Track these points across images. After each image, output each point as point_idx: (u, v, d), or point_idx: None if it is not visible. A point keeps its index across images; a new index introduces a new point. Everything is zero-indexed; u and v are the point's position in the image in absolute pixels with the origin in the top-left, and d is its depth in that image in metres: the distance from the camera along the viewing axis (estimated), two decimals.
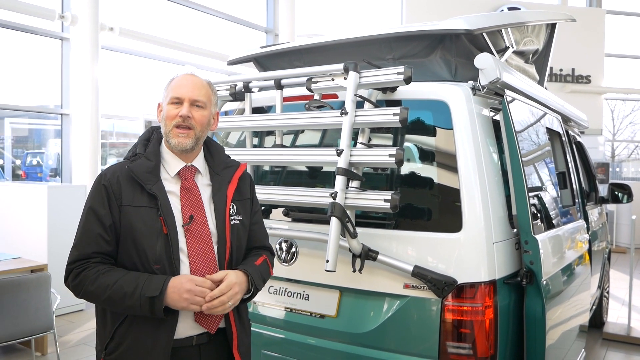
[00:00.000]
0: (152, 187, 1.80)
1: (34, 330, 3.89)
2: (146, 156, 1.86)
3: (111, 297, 1.71)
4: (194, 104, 1.86)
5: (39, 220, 5.72)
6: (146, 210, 1.78)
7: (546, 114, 3.29)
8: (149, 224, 1.77)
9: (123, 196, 1.79)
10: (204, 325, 1.83)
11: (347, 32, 2.95)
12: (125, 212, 1.78)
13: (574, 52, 11.67)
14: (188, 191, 1.88)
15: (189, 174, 1.90)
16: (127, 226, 1.78)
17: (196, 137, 1.86)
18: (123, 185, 1.80)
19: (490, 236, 2.28)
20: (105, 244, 1.78)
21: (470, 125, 2.35)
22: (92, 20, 7.26)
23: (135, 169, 1.82)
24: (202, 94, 1.88)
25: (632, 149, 22.31)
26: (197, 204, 1.87)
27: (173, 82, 1.90)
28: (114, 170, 1.84)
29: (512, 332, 2.40)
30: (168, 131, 1.86)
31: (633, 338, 5.31)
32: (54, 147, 10.03)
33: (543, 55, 4.04)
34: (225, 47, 10.22)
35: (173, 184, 1.87)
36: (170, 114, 1.85)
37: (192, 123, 1.84)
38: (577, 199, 3.63)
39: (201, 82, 1.91)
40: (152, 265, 1.76)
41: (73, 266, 1.78)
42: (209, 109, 1.91)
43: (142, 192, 1.80)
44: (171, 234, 1.77)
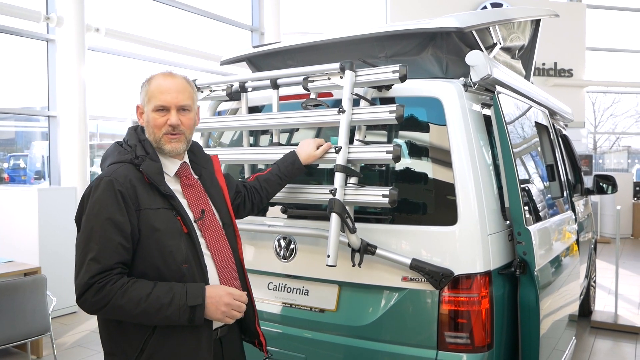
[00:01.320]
0: (166, 188, 1.81)
1: (31, 333, 3.90)
2: (151, 157, 1.83)
3: (146, 310, 1.65)
4: (181, 109, 1.85)
5: (29, 222, 5.71)
6: (164, 212, 1.79)
7: (534, 109, 3.37)
8: (169, 225, 1.77)
9: (140, 199, 1.75)
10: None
11: (340, 31, 3.00)
12: (144, 216, 1.74)
13: (556, 46, 11.84)
14: (192, 187, 1.92)
15: (187, 171, 1.94)
16: (149, 229, 1.74)
17: (187, 139, 1.90)
18: (138, 188, 1.76)
19: (485, 228, 2.35)
20: (126, 252, 1.71)
21: (463, 121, 2.42)
22: (77, 21, 7.22)
23: (147, 170, 1.78)
24: (187, 97, 1.87)
25: (613, 141, 22.64)
26: (203, 197, 1.94)
27: (153, 86, 1.85)
28: (124, 174, 1.76)
29: (507, 322, 2.47)
30: (158, 139, 1.84)
31: (620, 325, 5.44)
32: (38, 150, 9.96)
33: (529, 51, 4.12)
34: (211, 46, 10.20)
35: (174, 183, 1.90)
36: (157, 123, 1.82)
37: (181, 129, 1.85)
38: (565, 191, 3.72)
39: (183, 84, 1.88)
40: (180, 265, 1.75)
41: (94, 280, 1.66)
42: (194, 109, 1.93)
43: (155, 194, 1.79)
44: (191, 232, 1.81)
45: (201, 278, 1.81)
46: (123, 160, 1.81)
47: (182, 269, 1.76)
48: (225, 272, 1.91)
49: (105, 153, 1.94)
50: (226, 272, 1.92)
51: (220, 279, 1.89)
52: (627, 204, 11.64)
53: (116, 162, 1.82)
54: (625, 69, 15.69)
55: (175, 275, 1.76)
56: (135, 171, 1.79)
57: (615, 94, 19.67)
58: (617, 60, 15.67)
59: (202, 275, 1.81)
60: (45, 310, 3.98)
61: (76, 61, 7.20)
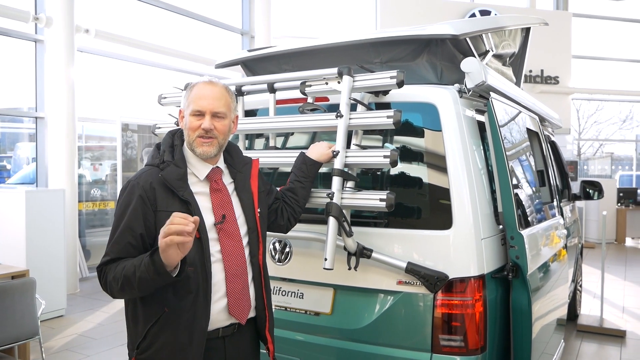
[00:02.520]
0: (184, 194, 1.89)
1: (19, 337, 3.85)
2: (175, 163, 1.94)
3: (126, 276, 1.75)
4: (216, 115, 1.95)
5: (16, 225, 5.65)
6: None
7: (526, 115, 3.42)
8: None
9: (158, 202, 1.87)
10: (236, 316, 1.97)
11: (335, 36, 3.02)
12: (160, 217, 1.84)
13: (542, 54, 11.98)
14: (218, 192, 2.00)
15: (217, 176, 2.01)
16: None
17: (219, 144, 1.98)
18: (157, 191, 1.88)
19: (479, 233, 2.38)
20: (133, 250, 1.84)
21: (458, 126, 2.45)
22: (67, 22, 7.17)
23: (167, 176, 1.90)
24: (222, 104, 1.96)
25: (596, 147, 22.96)
26: (227, 203, 2.00)
27: (193, 93, 1.97)
28: (146, 178, 1.91)
29: (499, 325, 2.51)
30: (192, 141, 1.95)
31: (606, 329, 5.52)
32: (24, 151, 9.86)
33: (519, 58, 4.18)
34: (200, 49, 10.19)
35: (202, 186, 1.98)
36: (192, 126, 1.94)
37: (214, 133, 1.94)
38: (555, 196, 3.77)
39: (220, 92, 1.98)
40: (187, 268, 1.80)
41: (102, 268, 1.86)
42: (229, 116, 2.01)
43: (174, 198, 1.89)
44: (203, 238, 1.88)
45: (204, 282, 1.88)
46: (152, 164, 1.98)
47: (188, 271, 1.82)
48: (234, 278, 1.96)
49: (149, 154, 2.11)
50: (236, 279, 1.97)
51: (227, 285, 1.95)
52: (611, 209, 11.81)
53: (148, 164, 2.00)
54: (609, 77, 15.94)
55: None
56: (159, 175, 1.92)
57: (599, 101, 19.95)
58: (601, 68, 15.90)
59: (205, 279, 1.89)
60: (34, 313, 3.94)
61: (65, 62, 7.15)
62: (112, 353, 4.88)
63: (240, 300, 1.98)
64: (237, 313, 1.97)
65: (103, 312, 6.17)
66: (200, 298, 1.88)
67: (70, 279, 6.88)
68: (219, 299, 1.94)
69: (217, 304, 1.93)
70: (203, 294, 1.88)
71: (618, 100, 17.70)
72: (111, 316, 5.99)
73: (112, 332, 5.38)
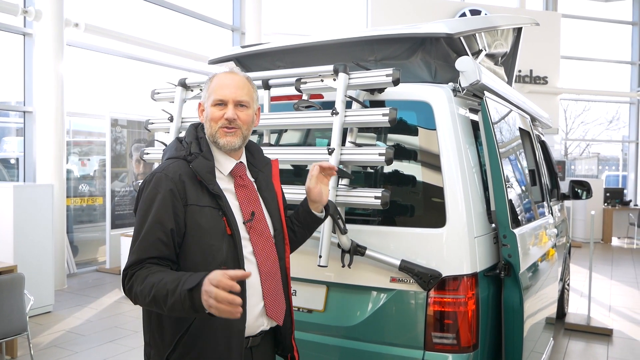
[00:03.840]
0: (214, 187, 1.80)
1: (8, 333, 3.82)
2: (204, 155, 1.84)
3: (155, 297, 1.62)
4: (238, 104, 1.85)
5: (4, 220, 5.59)
6: (210, 210, 1.78)
7: (518, 114, 3.44)
8: (213, 224, 1.77)
9: (188, 195, 1.77)
10: (274, 318, 1.88)
11: (329, 33, 3.02)
12: (190, 211, 1.76)
13: (531, 54, 12.05)
14: (244, 188, 1.90)
15: (241, 171, 1.91)
16: (194, 225, 1.75)
17: (243, 135, 1.87)
18: (187, 184, 1.78)
19: (472, 231, 2.40)
20: (164, 247, 1.72)
21: (452, 125, 2.46)
22: (56, 15, 7.10)
23: (198, 168, 1.79)
24: (245, 93, 1.87)
25: (583, 148, 23.15)
26: (255, 200, 1.91)
27: (214, 83, 1.87)
28: (175, 170, 1.79)
29: (491, 323, 2.52)
30: (214, 132, 1.84)
31: (593, 327, 5.58)
32: (10, 145, 9.75)
33: (510, 57, 4.21)
34: (191, 45, 10.14)
35: (227, 182, 1.88)
36: (215, 116, 1.84)
37: (238, 123, 1.84)
38: (545, 196, 3.80)
39: (243, 81, 1.89)
40: (219, 266, 1.70)
41: (128, 270, 1.72)
42: (252, 106, 1.91)
43: (204, 192, 1.79)
44: (235, 234, 1.79)
45: (239, 283, 1.68)
46: (178, 157, 1.85)
47: (221, 270, 1.66)
48: (269, 280, 1.87)
49: (165, 148, 2.00)
50: (270, 280, 1.87)
51: (264, 287, 1.85)
52: (597, 209, 11.93)
53: (172, 157, 1.86)
54: (596, 78, 16.09)
55: None
56: (187, 167, 1.81)
57: (586, 101, 20.12)
58: (588, 69, 16.05)
59: (240, 280, 1.69)
60: (22, 309, 3.91)
61: (54, 56, 7.09)
62: (100, 349, 4.85)
63: (277, 301, 1.89)
64: (275, 314, 1.88)
65: (91, 308, 6.13)
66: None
67: (58, 275, 6.83)
68: (255, 303, 1.83)
69: (255, 309, 1.83)
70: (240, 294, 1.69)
71: (605, 101, 17.87)
72: (99, 313, 5.95)
73: (100, 329, 5.35)
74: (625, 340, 5.37)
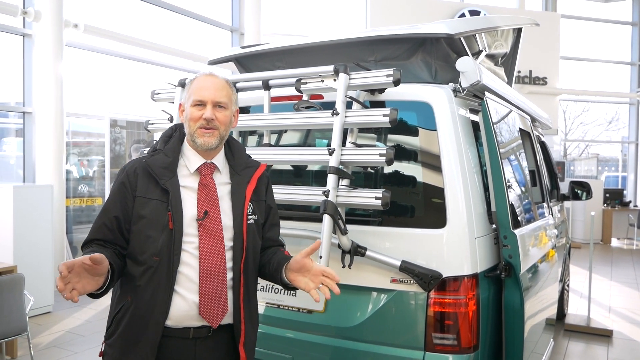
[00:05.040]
0: (166, 182, 1.88)
1: (8, 333, 3.82)
2: (165, 152, 1.95)
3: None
4: (217, 105, 1.92)
5: (4, 220, 5.58)
6: (156, 204, 1.87)
7: (518, 115, 3.44)
8: (155, 217, 1.86)
9: (138, 187, 1.89)
10: (207, 319, 1.87)
11: (329, 33, 3.02)
12: (137, 202, 1.87)
13: (531, 55, 12.06)
14: (205, 187, 1.94)
15: (207, 171, 1.96)
16: (137, 216, 1.87)
17: (220, 136, 1.94)
18: (140, 177, 1.90)
19: (473, 232, 2.39)
20: (108, 232, 1.88)
21: (453, 126, 2.46)
22: (55, 16, 7.10)
23: (152, 163, 1.91)
24: (224, 95, 1.94)
25: (582, 148, 23.15)
26: (212, 199, 1.93)
27: (194, 85, 1.96)
28: (134, 164, 1.94)
29: (492, 324, 2.52)
30: (193, 132, 1.92)
31: (592, 328, 5.58)
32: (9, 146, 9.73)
33: (510, 58, 4.20)
34: (190, 46, 10.13)
35: (192, 180, 1.95)
36: (194, 116, 1.92)
37: (216, 124, 1.92)
38: (546, 196, 3.80)
39: (222, 83, 1.97)
40: (151, 256, 1.83)
41: (82, 247, 1.90)
42: (230, 108, 1.98)
43: (156, 186, 1.89)
44: (176, 230, 1.84)
45: (167, 276, 1.83)
46: (147, 154, 1.99)
47: (152, 260, 1.83)
48: (209, 279, 1.86)
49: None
50: (211, 279, 1.87)
51: (201, 284, 1.86)
52: (597, 210, 11.93)
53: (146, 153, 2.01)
54: (596, 78, 16.09)
55: (145, 263, 1.85)
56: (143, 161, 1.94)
57: (585, 102, 20.13)
58: (588, 70, 16.05)
59: (169, 273, 1.83)
60: (22, 309, 3.90)
61: (53, 57, 7.08)
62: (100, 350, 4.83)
63: (213, 302, 1.87)
64: (208, 315, 1.87)
65: (90, 308, 6.12)
66: (161, 291, 1.82)
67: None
68: (189, 296, 1.86)
69: (186, 301, 1.85)
70: (164, 287, 1.82)
71: (604, 101, 17.88)
72: (98, 313, 5.95)
73: (100, 329, 5.33)
74: (625, 341, 5.37)
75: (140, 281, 1.84)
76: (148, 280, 1.83)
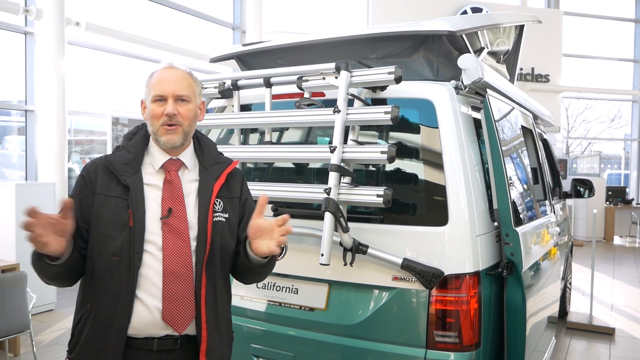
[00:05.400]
0: (127, 179, 1.77)
1: (10, 331, 3.82)
2: (127, 149, 1.85)
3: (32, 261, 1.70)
4: (178, 99, 1.79)
5: (6, 218, 5.60)
6: (116, 201, 1.76)
7: (521, 112, 3.43)
8: (115, 215, 1.74)
9: (98, 185, 1.78)
10: (171, 324, 1.73)
11: (331, 31, 3.01)
12: (96, 200, 1.76)
13: (533, 52, 12.02)
14: (170, 184, 1.82)
15: (172, 167, 1.85)
16: (96, 213, 1.75)
17: (184, 132, 1.82)
18: (100, 174, 1.79)
19: (474, 229, 2.39)
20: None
21: (455, 123, 2.46)
22: (57, 14, 7.10)
23: (112, 160, 1.81)
24: (185, 87, 1.81)
25: (585, 146, 23.12)
26: (177, 197, 1.81)
27: (153, 78, 1.83)
28: (94, 162, 1.84)
29: (493, 321, 2.52)
30: (156, 130, 1.80)
31: (595, 326, 5.57)
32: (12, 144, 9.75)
33: (512, 55, 4.20)
34: (192, 43, 10.13)
35: (157, 177, 1.83)
36: (155, 113, 1.79)
37: (179, 120, 1.78)
38: (548, 194, 3.79)
39: (182, 75, 1.83)
40: (110, 256, 1.71)
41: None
42: (194, 101, 1.84)
43: (117, 184, 1.78)
44: (136, 228, 1.72)
45: (127, 278, 1.71)
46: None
47: (111, 261, 1.71)
48: (174, 280, 1.73)
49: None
50: (176, 280, 1.73)
51: (165, 287, 1.72)
52: (599, 208, 11.91)
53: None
54: (598, 76, 16.05)
55: (103, 265, 1.73)
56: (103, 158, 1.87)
57: (587, 99, 20.09)
58: (590, 67, 16.01)
59: (129, 274, 1.71)
60: (25, 307, 3.91)
61: (55, 55, 7.08)
62: None
63: (178, 306, 1.73)
64: (172, 319, 1.72)
65: None
66: (122, 295, 1.70)
67: None
68: (151, 302, 1.72)
69: (148, 307, 1.72)
70: (125, 290, 1.70)
71: (607, 99, 17.83)
72: None
73: None
74: (628, 339, 5.36)
75: (100, 285, 1.73)
76: (108, 283, 1.72)
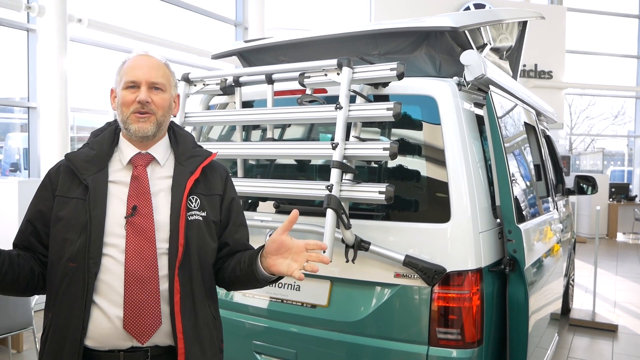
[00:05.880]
0: (87, 178, 1.64)
1: (13, 327, 3.83)
2: (90, 145, 1.73)
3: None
4: (152, 86, 1.68)
5: (9, 215, 5.61)
6: (77, 203, 1.62)
7: (523, 109, 3.42)
8: (74, 217, 1.61)
9: (59, 186, 1.66)
10: (133, 334, 1.58)
11: (332, 27, 3.00)
12: (57, 203, 1.65)
13: (536, 48, 11.99)
14: (136, 180, 1.68)
15: (140, 162, 1.70)
16: (55, 218, 1.64)
17: (158, 122, 1.69)
18: (62, 175, 1.68)
19: (477, 226, 2.38)
20: (22, 236, 1.70)
21: (457, 119, 2.45)
22: (59, 11, 7.08)
23: (73, 158, 1.68)
24: (160, 75, 1.70)
25: (588, 143, 23.08)
26: (143, 193, 1.66)
27: (126, 65, 1.70)
28: (58, 163, 1.73)
29: (496, 318, 2.51)
30: (125, 118, 1.66)
31: (597, 323, 5.56)
32: (15, 141, 9.76)
33: (515, 51, 4.18)
34: (194, 40, 10.11)
35: (124, 173, 1.69)
36: (126, 100, 1.65)
37: (152, 108, 1.66)
38: (551, 191, 3.78)
39: (158, 63, 1.72)
40: (67, 262, 1.59)
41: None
42: (169, 91, 1.73)
43: (79, 184, 1.65)
44: (93, 230, 1.59)
45: (82, 284, 1.56)
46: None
47: (69, 267, 1.58)
48: (136, 283, 1.58)
49: None
50: (138, 285, 1.58)
51: (126, 292, 1.57)
52: (602, 204, 11.88)
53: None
54: (602, 72, 16.00)
55: (62, 271, 1.60)
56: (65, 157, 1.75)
57: (591, 96, 20.04)
58: (593, 63, 15.96)
59: (83, 281, 1.56)
60: (27, 304, 3.92)
61: (57, 52, 7.07)
62: None
63: (142, 314, 1.57)
64: (135, 329, 1.56)
65: None
66: (77, 304, 1.56)
67: None
68: (111, 310, 1.57)
69: (108, 316, 1.57)
70: (80, 298, 1.56)
71: (610, 95, 17.79)
72: None
73: None
74: (631, 336, 5.35)
75: (59, 293, 1.60)
76: (65, 291, 1.58)
